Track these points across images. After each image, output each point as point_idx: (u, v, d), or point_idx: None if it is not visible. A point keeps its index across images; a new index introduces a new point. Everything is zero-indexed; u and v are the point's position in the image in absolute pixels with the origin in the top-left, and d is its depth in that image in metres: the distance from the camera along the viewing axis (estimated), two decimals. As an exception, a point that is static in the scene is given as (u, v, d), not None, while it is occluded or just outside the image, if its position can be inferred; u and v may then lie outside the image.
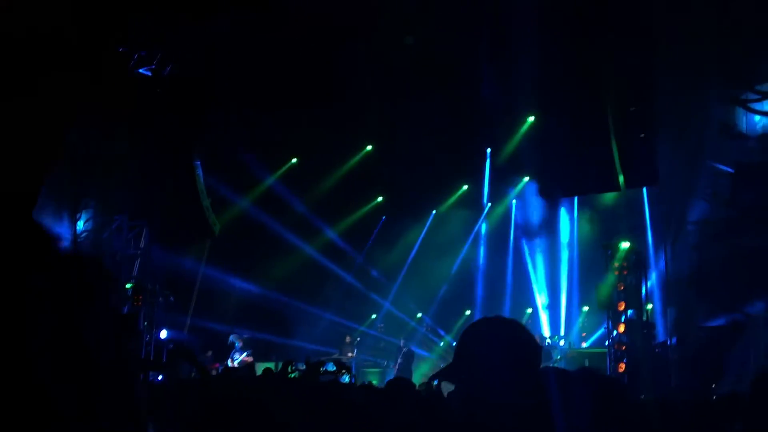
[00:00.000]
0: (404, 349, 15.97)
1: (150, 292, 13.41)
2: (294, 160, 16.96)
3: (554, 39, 11.99)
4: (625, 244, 12.16)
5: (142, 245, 14.12)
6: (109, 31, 11.85)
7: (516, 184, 17.78)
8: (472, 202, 18.43)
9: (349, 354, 15.62)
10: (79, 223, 12.93)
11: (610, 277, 12.14)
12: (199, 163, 14.17)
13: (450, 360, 1.96)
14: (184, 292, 14.85)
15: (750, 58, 9.23)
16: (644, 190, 15.75)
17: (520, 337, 1.89)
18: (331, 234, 18.20)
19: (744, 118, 9.24)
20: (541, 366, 1.94)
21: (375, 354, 16.83)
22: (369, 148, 17.07)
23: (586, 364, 13.64)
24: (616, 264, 12.09)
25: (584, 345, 16.58)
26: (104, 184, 13.35)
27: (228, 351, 13.86)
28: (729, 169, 9.33)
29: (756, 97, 9.27)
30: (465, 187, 18.06)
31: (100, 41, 12.06)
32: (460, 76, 13.02)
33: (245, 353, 13.50)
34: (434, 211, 18.99)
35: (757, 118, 9.23)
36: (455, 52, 12.77)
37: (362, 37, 12.40)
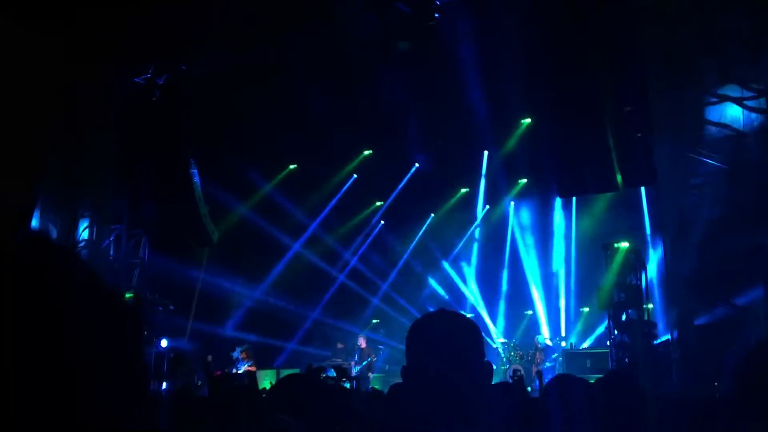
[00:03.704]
0: (372, 357, 15.78)
1: (149, 302, 13.38)
2: (292, 166, 16.97)
3: (545, 41, 12.02)
4: (624, 244, 12.16)
5: (141, 254, 14.10)
6: (101, 43, 11.84)
7: (513, 187, 17.77)
8: (470, 205, 18.43)
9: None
10: (76, 233, 12.91)
11: (610, 278, 12.13)
12: (196, 171, 14.15)
13: None
14: (183, 300, 14.83)
15: (745, 56, 9.24)
16: (642, 189, 15.76)
17: (461, 330, 1.77)
18: (329, 239, 18.17)
19: (741, 115, 9.25)
20: (543, 365, 1.80)
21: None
22: (367, 152, 17.04)
23: (588, 364, 13.65)
24: (616, 264, 12.09)
25: (585, 345, 16.56)
26: (100, 194, 13.33)
27: (229, 360, 13.87)
28: (725, 167, 9.34)
29: (751, 94, 9.29)
30: (464, 190, 18.05)
31: (91, 54, 12.07)
32: (454, 82, 13.02)
33: (247, 364, 13.53)
34: (431, 215, 18.97)
35: (754, 115, 9.25)
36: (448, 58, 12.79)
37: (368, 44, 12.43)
